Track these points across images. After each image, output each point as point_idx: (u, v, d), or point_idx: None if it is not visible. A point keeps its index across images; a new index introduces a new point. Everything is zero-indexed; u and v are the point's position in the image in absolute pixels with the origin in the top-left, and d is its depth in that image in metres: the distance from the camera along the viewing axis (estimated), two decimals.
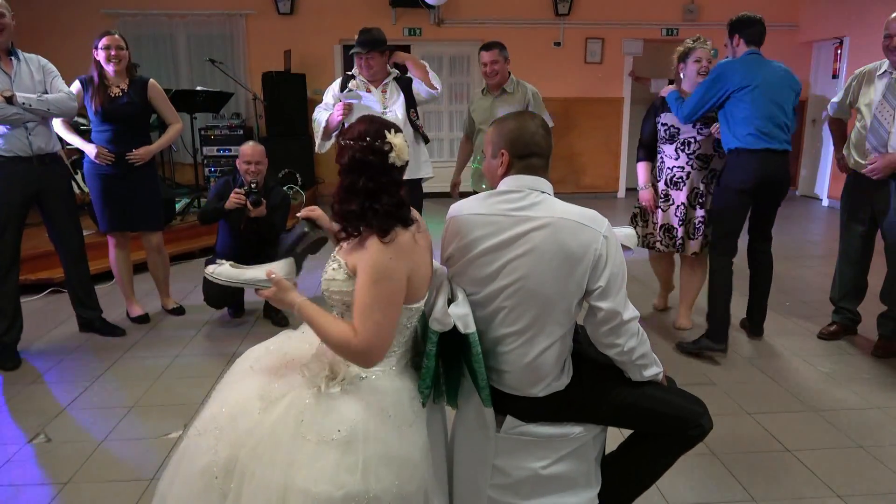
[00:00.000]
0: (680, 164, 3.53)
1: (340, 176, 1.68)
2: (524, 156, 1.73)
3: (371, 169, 1.63)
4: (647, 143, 3.71)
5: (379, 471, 1.53)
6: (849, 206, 3.51)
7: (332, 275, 1.67)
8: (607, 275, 1.65)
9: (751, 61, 3.26)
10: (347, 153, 1.64)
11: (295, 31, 7.90)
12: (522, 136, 1.73)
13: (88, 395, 3.03)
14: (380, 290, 1.57)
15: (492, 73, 3.88)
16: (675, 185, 3.56)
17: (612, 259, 1.66)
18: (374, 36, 3.58)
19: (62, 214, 3.48)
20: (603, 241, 1.65)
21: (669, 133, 3.54)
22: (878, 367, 3.30)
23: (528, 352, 1.71)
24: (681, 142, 3.52)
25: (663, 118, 3.56)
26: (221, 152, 7.25)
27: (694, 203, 3.54)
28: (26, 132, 3.24)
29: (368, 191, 1.62)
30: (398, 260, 1.60)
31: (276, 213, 3.78)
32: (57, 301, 4.26)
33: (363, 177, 1.63)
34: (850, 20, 7.43)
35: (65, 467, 2.43)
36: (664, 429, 1.79)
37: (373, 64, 3.58)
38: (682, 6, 8.25)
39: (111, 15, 7.61)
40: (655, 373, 1.78)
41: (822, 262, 4.80)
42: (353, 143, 1.64)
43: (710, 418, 1.80)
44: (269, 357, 1.81)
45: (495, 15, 8.06)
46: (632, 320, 1.69)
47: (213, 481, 1.56)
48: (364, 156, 1.62)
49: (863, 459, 2.49)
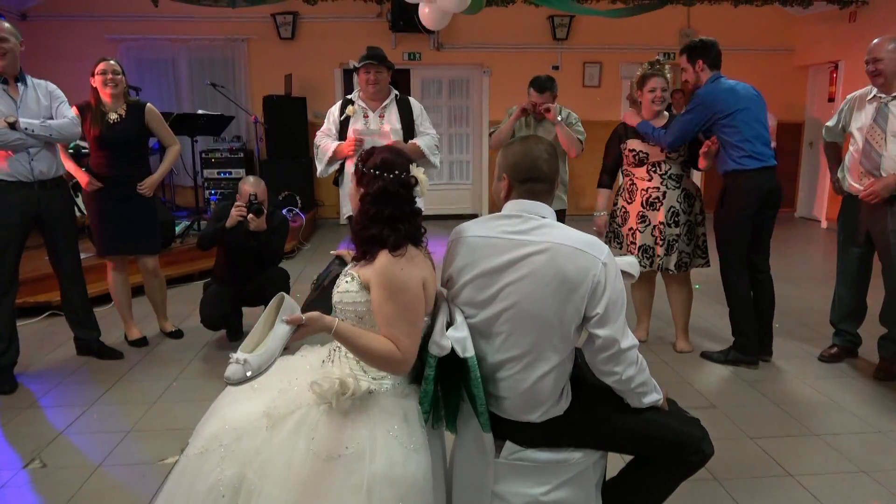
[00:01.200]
0: (655, 185, 3.60)
1: (363, 202, 1.72)
2: (525, 180, 1.74)
3: (398, 200, 1.70)
4: (610, 170, 3.81)
5: (383, 492, 1.53)
6: (845, 229, 3.52)
7: (345, 287, 1.70)
8: (605, 302, 1.65)
9: (727, 87, 3.42)
10: (377, 183, 1.69)
11: (296, 55, 8.00)
12: (524, 161, 1.75)
13: (85, 419, 3.00)
14: (398, 301, 1.61)
15: (539, 111, 3.84)
16: (652, 205, 3.61)
17: (611, 286, 1.65)
18: (382, 52, 3.64)
19: (61, 237, 3.49)
20: (602, 268, 1.64)
21: (639, 158, 3.62)
22: (880, 391, 3.29)
23: (527, 378, 1.70)
24: (651, 164, 3.60)
25: (629, 144, 3.65)
26: (222, 175, 7.29)
27: (670, 222, 3.59)
28: (28, 157, 3.26)
29: (392, 218, 1.69)
30: (409, 269, 1.64)
31: (276, 234, 3.80)
32: (55, 324, 4.25)
33: (389, 206, 1.69)
34: (845, 44, 7.52)
35: (60, 493, 2.40)
36: (663, 454, 1.78)
37: (379, 78, 3.59)
38: (678, 30, 8.36)
39: (116, 40, 7.71)
40: (655, 399, 1.77)
41: (822, 285, 4.80)
42: (383, 174, 1.69)
43: (710, 443, 1.78)
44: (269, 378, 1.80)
45: (494, 39, 8.16)
46: (630, 349, 1.68)
47: (219, 500, 1.56)
48: (395, 188, 1.69)
49: (865, 484, 2.47)
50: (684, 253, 3.62)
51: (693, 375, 3.47)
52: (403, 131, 3.67)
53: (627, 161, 3.69)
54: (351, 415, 1.62)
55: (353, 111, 3.66)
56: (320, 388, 1.62)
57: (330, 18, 7.85)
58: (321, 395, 1.62)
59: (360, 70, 3.61)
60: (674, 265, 3.59)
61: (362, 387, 1.66)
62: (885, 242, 3.28)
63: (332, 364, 1.75)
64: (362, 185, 1.73)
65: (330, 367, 1.75)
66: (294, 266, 5.62)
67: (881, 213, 3.26)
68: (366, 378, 1.69)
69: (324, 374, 1.69)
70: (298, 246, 6.75)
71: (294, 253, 6.50)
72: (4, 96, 3.21)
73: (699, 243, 3.68)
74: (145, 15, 7.34)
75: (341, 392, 1.62)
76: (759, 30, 8.23)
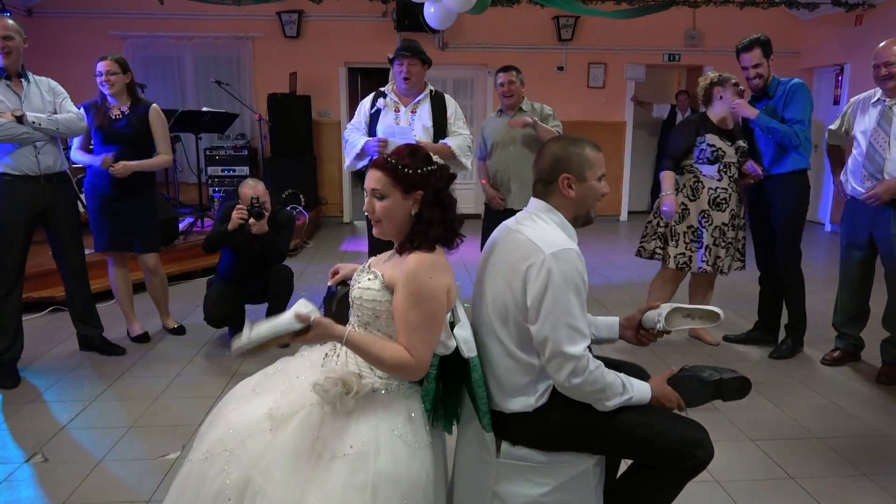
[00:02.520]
0: (723, 186, 3.58)
1: (423, 203, 1.69)
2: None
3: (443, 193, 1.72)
4: (678, 158, 3.64)
5: (387, 492, 1.53)
6: (848, 232, 3.51)
7: (366, 285, 1.69)
8: (533, 294, 1.65)
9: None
10: (431, 180, 1.68)
11: (301, 54, 8.01)
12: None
13: (87, 415, 3.01)
14: (423, 309, 1.60)
15: (508, 94, 3.93)
16: (719, 206, 3.59)
17: (544, 281, 1.64)
18: (418, 45, 3.56)
19: (66, 233, 3.50)
20: (542, 260, 1.65)
21: (715, 155, 3.54)
22: (883, 394, 3.28)
23: (501, 363, 1.75)
24: (723, 164, 3.55)
25: (708, 139, 3.54)
26: (226, 172, 7.31)
27: (732, 224, 3.62)
28: (35, 151, 3.28)
29: (447, 209, 1.71)
30: (437, 277, 1.63)
31: (282, 232, 3.80)
32: (58, 319, 4.26)
33: (446, 193, 1.72)
34: (851, 48, 7.51)
35: (61, 488, 2.41)
36: (655, 460, 1.74)
37: (413, 71, 3.49)
38: (684, 32, 8.35)
39: (121, 37, 7.73)
40: (622, 401, 1.71)
41: (826, 288, 4.79)
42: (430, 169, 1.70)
43: (708, 449, 1.73)
44: (271, 380, 1.81)
45: (499, 39, 8.16)
46: (572, 358, 1.64)
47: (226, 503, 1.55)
48: (445, 183, 1.72)
49: (867, 488, 2.46)
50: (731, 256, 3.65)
51: None
52: (434, 129, 3.56)
53: (698, 156, 3.58)
54: (355, 414, 1.61)
55: (385, 104, 3.56)
56: (323, 390, 1.61)
57: (335, 17, 7.86)
58: (324, 395, 1.61)
59: (394, 62, 3.51)
60: (728, 267, 3.63)
61: (366, 385, 1.65)
62: (888, 246, 3.27)
63: (337, 358, 1.74)
64: (415, 189, 1.68)
65: (334, 361, 1.74)
66: (297, 264, 5.62)
67: (884, 217, 3.25)
68: (372, 375, 1.68)
69: (326, 372, 1.68)
70: (301, 244, 6.76)
71: (297, 251, 6.51)
72: (8, 92, 3.23)
73: (738, 247, 3.70)
74: (151, 12, 7.35)
75: (345, 392, 1.61)
76: (765, 32, 7.97)
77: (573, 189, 1.76)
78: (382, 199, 1.68)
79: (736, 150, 3.56)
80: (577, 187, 1.76)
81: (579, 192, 1.77)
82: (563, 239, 1.71)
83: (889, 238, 3.25)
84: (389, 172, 1.66)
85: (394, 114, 3.55)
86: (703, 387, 1.65)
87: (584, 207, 1.80)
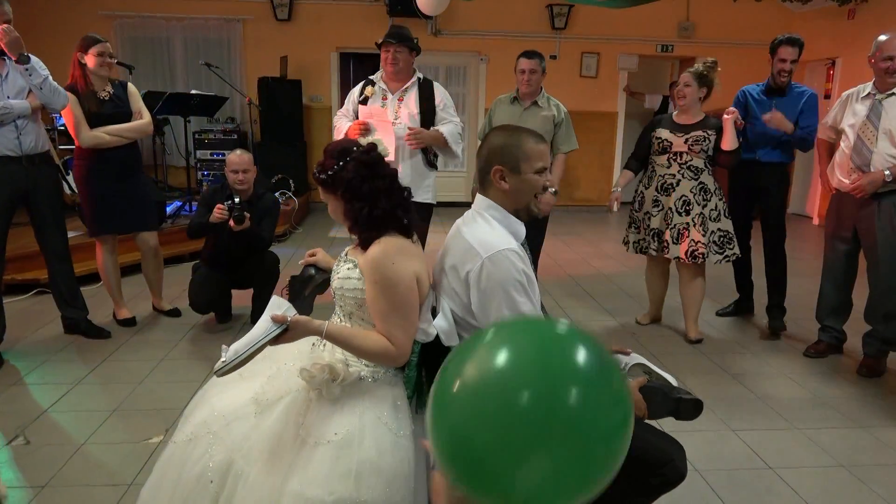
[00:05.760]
0: (671, 172, 3.72)
1: (347, 200, 1.70)
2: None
3: (371, 176, 1.69)
4: (640, 157, 3.91)
5: (370, 479, 1.53)
6: (833, 225, 3.54)
7: (346, 274, 1.69)
8: (476, 301, 1.65)
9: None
10: (346, 173, 1.67)
11: (292, 37, 7.93)
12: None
13: (71, 398, 3.00)
14: (389, 296, 1.61)
15: (528, 81, 3.81)
16: (665, 190, 3.73)
17: (485, 287, 1.62)
18: (405, 32, 3.53)
19: (48, 214, 3.46)
20: (480, 266, 1.63)
21: (662, 146, 3.72)
22: (863, 387, 3.32)
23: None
24: (672, 153, 3.69)
25: (657, 132, 3.76)
26: (215, 156, 7.24)
27: (680, 210, 3.66)
28: (16, 131, 3.23)
29: (375, 195, 1.68)
30: (401, 262, 1.63)
31: (266, 219, 3.76)
32: (42, 302, 4.23)
33: (367, 184, 1.68)
34: (843, 41, 7.52)
35: (43, 470, 2.40)
36: (627, 468, 1.73)
37: (399, 58, 3.46)
38: (677, 23, 8.33)
39: (109, 17, 7.61)
40: None
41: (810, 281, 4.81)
42: (343, 161, 1.68)
43: (678, 466, 1.68)
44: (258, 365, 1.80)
45: (492, 27, 8.11)
46: None
47: (208, 486, 1.56)
48: (362, 167, 1.68)
49: (845, 479, 2.50)
50: (699, 243, 3.63)
51: (677, 368, 3.49)
52: (422, 116, 3.52)
53: (652, 149, 3.79)
54: (340, 401, 1.61)
55: (373, 92, 3.53)
56: (310, 376, 1.61)
57: (327, 1, 7.77)
58: (310, 382, 1.61)
59: (381, 49, 3.48)
60: (683, 254, 3.65)
61: (353, 373, 1.66)
62: (871, 239, 3.30)
63: (324, 346, 1.74)
64: (337, 188, 1.70)
65: (321, 349, 1.74)
66: (285, 249, 5.60)
67: (869, 210, 3.28)
68: (358, 364, 1.69)
69: (313, 360, 1.68)
70: (290, 229, 6.73)
71: (286, 236, 6.48)
72: None
73: (715, 239, 3.69)
74: None
75: (331, 379, 1.61)
76: (757, 25, 8.20)
77: (506, 182, 1.67)
78: (329, 204, 1.76)
79: (686, 141, 3.65)
80: (511, 180, 1.67)
81: (513, 186, 1.68)
82: (499, 239, 1.66)
83: (873, 231, 3.28)
84: (317, 181, 1.73)
85: (381, 101, 3.54)
86: (664, 401, 1.67)
87: (521, 201, 1.71)
